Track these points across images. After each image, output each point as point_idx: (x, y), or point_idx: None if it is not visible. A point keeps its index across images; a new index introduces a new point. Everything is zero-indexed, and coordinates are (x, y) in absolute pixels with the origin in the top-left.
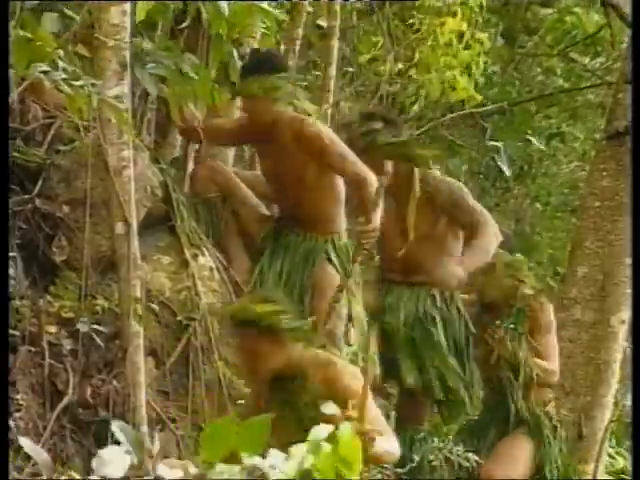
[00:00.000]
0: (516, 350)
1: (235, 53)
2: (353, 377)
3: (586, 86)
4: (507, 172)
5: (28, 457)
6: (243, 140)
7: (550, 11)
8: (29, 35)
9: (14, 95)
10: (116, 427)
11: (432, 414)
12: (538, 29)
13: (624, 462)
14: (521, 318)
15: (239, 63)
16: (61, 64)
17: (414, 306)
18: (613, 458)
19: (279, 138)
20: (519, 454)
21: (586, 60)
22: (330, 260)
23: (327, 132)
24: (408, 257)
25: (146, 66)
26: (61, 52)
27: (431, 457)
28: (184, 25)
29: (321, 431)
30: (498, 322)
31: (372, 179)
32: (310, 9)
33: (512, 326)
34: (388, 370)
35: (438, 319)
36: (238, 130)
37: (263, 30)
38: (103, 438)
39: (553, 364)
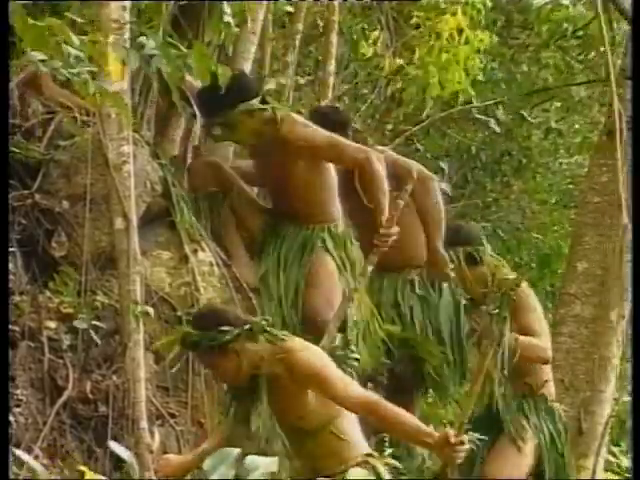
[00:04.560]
0: (502, 332)
1: (232, 21)
2: (317, 357)
3: (582, 82)
4: (496, 129)
5: (28, 452)
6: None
7: (542, 2)
8: (41, 24)
9: (13, 85)
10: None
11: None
12: (531, 23)
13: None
14: (504, 302)
15: (236, 30)
16: (76, 41)
17: (393, 293)
18: (616, 457)
19: (260, 149)
20: (510, 454)
21: (574, 54)
22: (327, 249)
23: (310, 131)
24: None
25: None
26: (74, 37)
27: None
28: (183, 2)
29: None
30: (483, 307)
31: (372, 157)
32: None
33: (496, 311)
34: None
35: (417, 306)
36: None
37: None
38: (103, 434)
39: (541, 341)
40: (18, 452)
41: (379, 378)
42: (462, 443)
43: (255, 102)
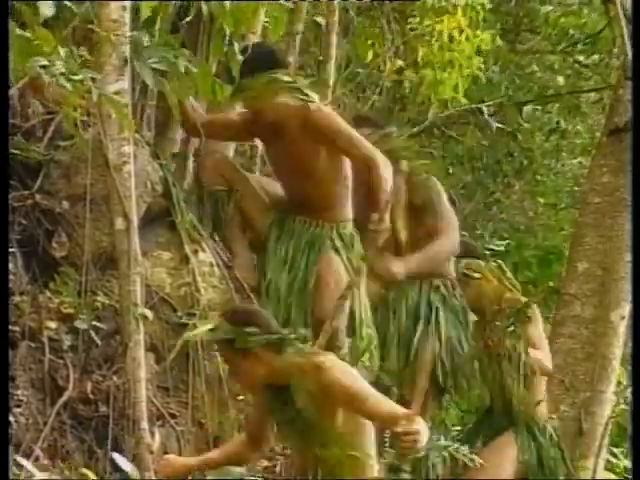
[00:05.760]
0: (516, 348)
1: (236, 47)
2: (346, 374)
3: (591, 89)
4: (492, 126)
5: (28, 454)
6: (247, 135)
7: (550, 8)
8: (28, 35)
9: (14, 90)
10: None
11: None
12: (539, 27)
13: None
14: (519, 319)
15: (240, 57)
16: (62, 54)
17: (417, 297)
18: (616, 457)
19: (285, 130)
20: (503, 458)
21: (582, 58)
22: (336, 249)
23: (334, 116)
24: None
25: (146, 60)
26: (61, 50)
27: (435, 454)
28: (187, 20)
29: None
30: (498, 323)
31: (381, 160)
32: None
33: (511, 328)
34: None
35: (442, 310)
36: (242, 125)
37: (267, 24)
38: (103, 434)
39: (544, 352)
40: (18, 458)
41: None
42: (408, 434)
43: (283, 74)
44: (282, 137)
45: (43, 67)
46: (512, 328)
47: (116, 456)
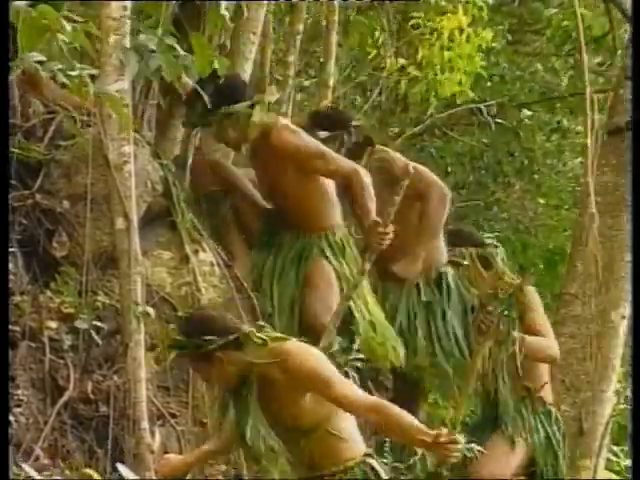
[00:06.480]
0: (510, 332)
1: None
2: (311, 355)
3: (595, 91)
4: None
5: (28, 453)
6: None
7: (554, 11)
8: (33, 14)
9: (12, 78)
10: None
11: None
12: (542, 29)
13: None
14: (512, 303)
15: (226, 13)
16: (69, 29)
17: (397, 302)
18: (617, 456)
19: (258, 146)
20: (501, 452)
21: (586, 58)
22: (326, 257)
23: (300, 138)
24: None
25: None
26: (67, 26)
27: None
28: None
29: None
30: (490, 308)
31: (357, 169)
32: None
33: (505, 312)
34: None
35: (421, 315)
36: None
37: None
38: (104, 434)
39: (548, 339)
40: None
41: (381, 379)
42: (455, 442)
43: (241, 106)
44: (256, 152)
45: (40, 63)
46: (506, 312)
47: (121, 467)
